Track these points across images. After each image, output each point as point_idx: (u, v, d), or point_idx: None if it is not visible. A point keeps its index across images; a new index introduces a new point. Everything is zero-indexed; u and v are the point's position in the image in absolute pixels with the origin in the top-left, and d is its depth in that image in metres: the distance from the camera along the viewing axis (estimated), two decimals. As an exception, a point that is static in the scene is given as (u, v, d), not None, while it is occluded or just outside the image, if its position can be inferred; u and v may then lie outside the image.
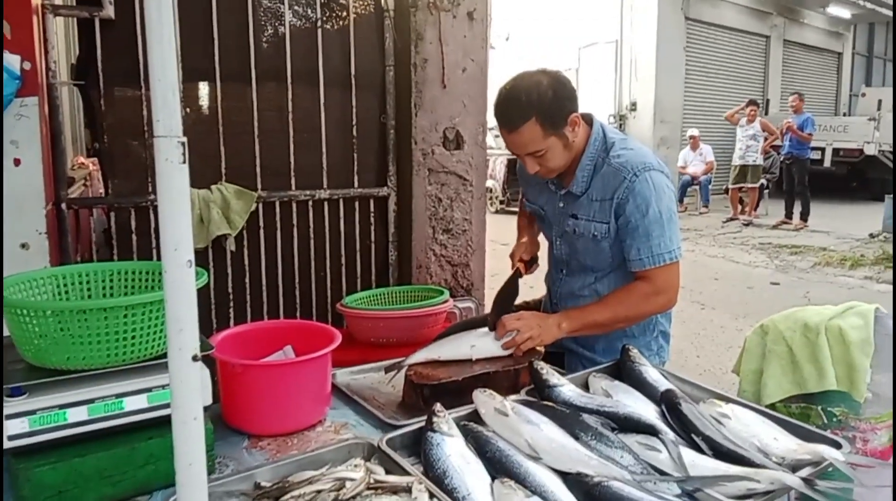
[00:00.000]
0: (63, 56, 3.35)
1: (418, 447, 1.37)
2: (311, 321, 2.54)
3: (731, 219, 12.02)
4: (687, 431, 1.41)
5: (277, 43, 2.71)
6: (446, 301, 2.54)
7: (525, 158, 1.86)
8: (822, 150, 14.16)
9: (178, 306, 0.86)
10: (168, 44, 0.83)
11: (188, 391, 0.87)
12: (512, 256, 2.13)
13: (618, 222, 1.87)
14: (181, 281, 0.85)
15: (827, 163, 14.44)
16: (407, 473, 1.26)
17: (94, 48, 2.43)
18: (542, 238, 2.23)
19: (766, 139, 11.68)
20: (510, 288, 2.04)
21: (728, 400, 1.55)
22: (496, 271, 2.13)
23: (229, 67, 2.64)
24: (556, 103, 1.78)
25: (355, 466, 1.27)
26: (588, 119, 1.94)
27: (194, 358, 0.87)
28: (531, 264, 2.11)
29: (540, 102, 1.76)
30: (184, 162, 0.85)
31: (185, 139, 0.85)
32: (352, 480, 1.21)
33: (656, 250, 1.83)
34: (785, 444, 1.38)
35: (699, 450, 1.36)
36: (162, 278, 0.86)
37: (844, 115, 18.30)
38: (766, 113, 14.93)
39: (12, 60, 2.03)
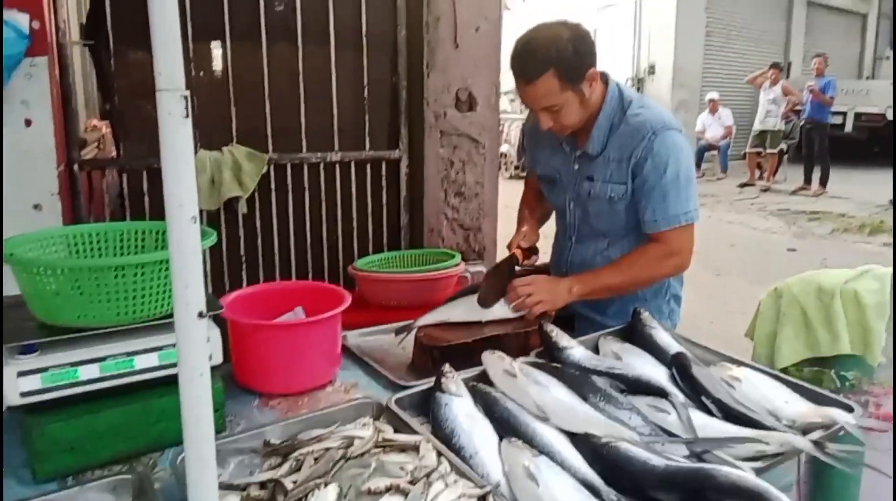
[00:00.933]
0: (73, 15, 3.33)
1: (427, 407, 1.38)
2: (326, 283, 2.55)
3: (749, 184, 11.87)
4: (697, 393, 1.40)
5: (288, 2, 2.67)
6: (458, 265, 2.53)
7: (539, 112, 1.82)
8: (844, 114, 13.86)
9: (184, 262, 0.85)
10: (169, -8, 0.81)
11: (194, 348, 0.87)
12: (509, 245, 2.04)
13: (634, 182, 1.83)
14: (185, 237, 0.84)
15: (848, 128, 14.15)
16: (415, 432, 1.27)
17: (103, 7, 2.41)
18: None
19: (788, 103, 11.45)
20: (504, 270, 1.97)
21: (739, 363, 1.54)
22: (509, 235, 2.10)
23: (239, 27, 2.61)
24: (576, 57, 1.73)
25: (364, 425, 1.28)
26: (604, 77, 1.89)
27: (200, 315, 0.86)
28: (530, 253, 2.05)
29: (559, 55, 1.71)
30: (187, 116, 0.83)
31: (188, 93, 0.83)
32: (360, 438, 1.21)
33: (672, 212, 1.81)
34: (796, 407, 1.37)
35: (709, 413, 1.35)
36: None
37: (868, 78, 17.90)
38: (788, 76, 14.62)
39: (21, 19, 2.02)
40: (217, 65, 2.64)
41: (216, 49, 2.62)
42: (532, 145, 2.14)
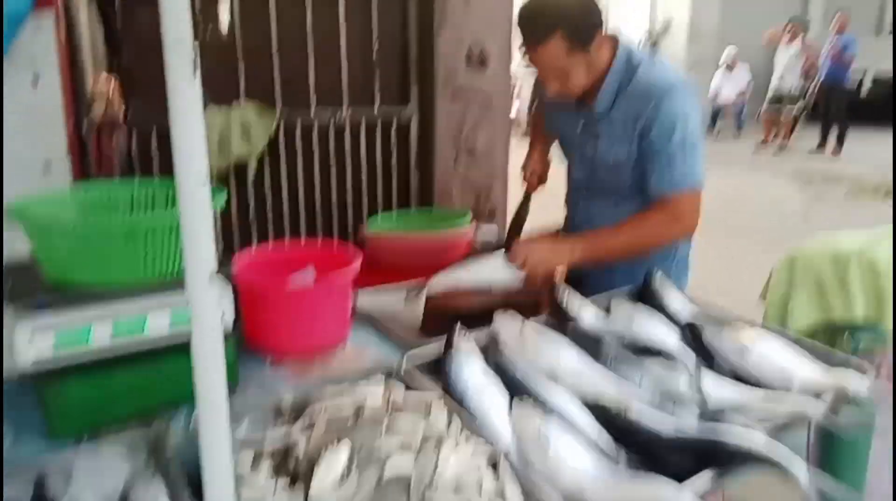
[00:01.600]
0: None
1: (438, 367, 1.38)
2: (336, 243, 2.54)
3: (764, 144, 11.70)
4: (709, 356, 1.40)
5: (297, -44, 2.62)
6: (469, 225, 2.51)
7: (546, 75, 1.79)
8: (863, 73, 13.57)
9: (194, 222, 0.84)
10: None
11: (206, 307, 0.86)
12: (523, 170, 2.09)
13: (641, 144, 1.81)
14: (196, 197, 0.83)
15: (867, 87, 13.86)
16: (427, 391, 1.27)
17: (109, -38, 2.37)
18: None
19: (806, 60, 11.20)
20: (522, 212, 2.05)
21: (752, 327, 1.53)
22: (521, 195, 2.10)
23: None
24: (584, 18, 1.70)
25: (376, 385, 1.28)
26: (612, 37, 1.85)
27: (211, 275, 0.86)
28: (542, 180, 2.09)
29: (567, 17, 1.68)
30: (195, 74, 0.81)
31: (196, 45, 0.81)
32: (372, 396, 1.22)
33: (678, 176, 1.78)
34: (809, 370, 1.36)
35: (721, 375, 1.35)
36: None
37: (890, 34, 17.44)
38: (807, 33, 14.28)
39: (25, -27, 1.98)
40: (224, 21, 2.59)
41: (223, 4, 2.58)
42: (543, 98, 2.13)
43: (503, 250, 1.89)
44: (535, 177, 2.07)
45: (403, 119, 2.94)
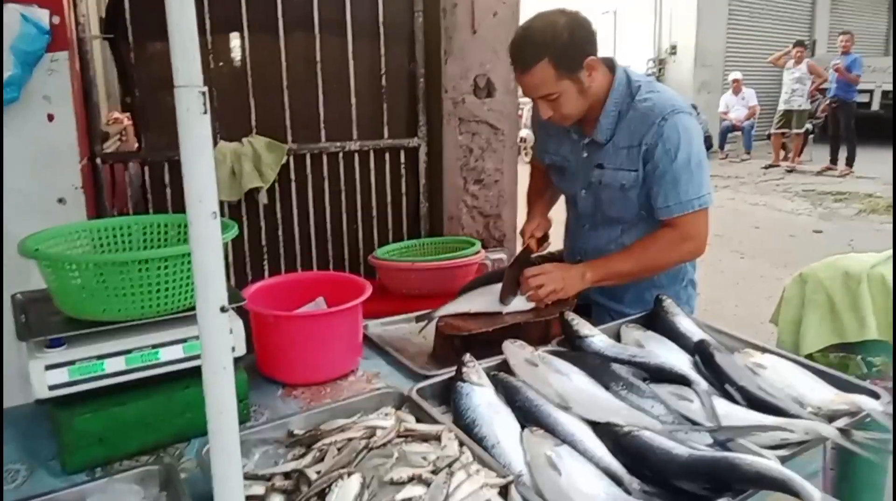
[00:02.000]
0: (93, 9, 3.35)
1: (448, 396, 1.38)
2: (343, 272, 2.56)
3: (773, 165, 11.68)
4: (720, 381, 1.39)
5: (305, -9, 2.68)
6: (478, 252, 2.53)
7: (538, 101, 1.81)
8: (871, 92, 13.55)
9: (205, 257, 0.86)
10: (186, -11, 0.81)
11: (217, 341, 0.88)
12: (522, 232, 2.06)
13: (646, 168, 1.82)
14: (206, 232, 0.85)
15: (875, 106, 13.84)
16: (437, 422, 1.27)
17: (122, 1, 2.42)
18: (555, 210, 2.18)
19: (813, 82, 11.24)
20: (522, 262, 1.98)
21: (764, 350, 1.53)
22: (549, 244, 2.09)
23: (257, 18, 2.62)
24: (572, 45, 1.72)
25: (386, 414, 1.29)
26: (610, 64, 1.87)
27: (222, 309, 0.87)
28: (543, 241, 2.06)
29: (554, 43, 1.70)
30: (205, 112, 0.83)
31: (205, 89, 0.83)
32: (382, 428, 1.22)
33: (684, 197, 1.79)
34: (821, 394, 1.35)
35: (733, 400, 1.34)
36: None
37: (896, 55, 17.48)
38: (813, 54, 14.33)
39: (41, 15, 2.03)
40: (236, 56, 2.65)
41: (234, 41, 2.64)
42: (542, 132, 2.12)
43: (500, 296, 1.87)
44: (535, 240, 2.04)
45: (412, 148, 2.97)
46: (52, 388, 1.21)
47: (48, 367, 1.20)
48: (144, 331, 1.31)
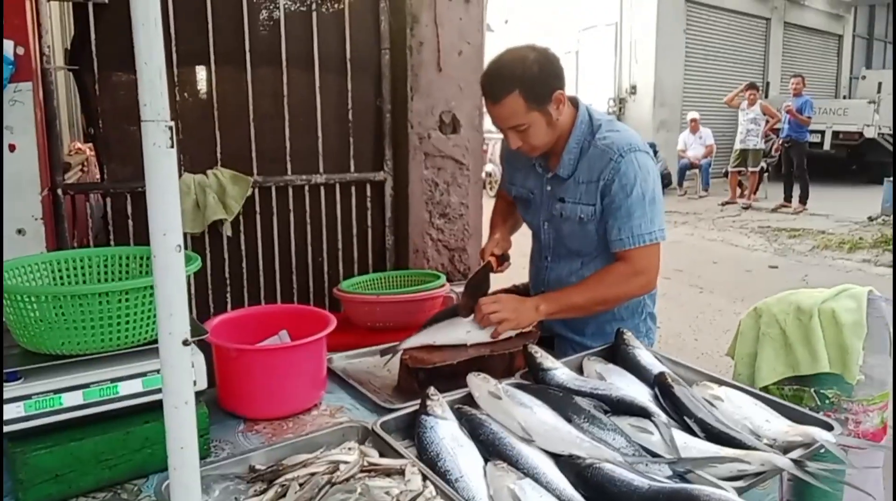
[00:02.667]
0: (58, 40, 3.33)
1: (412, 430, 1.38)
2: (308, 306, 2.55)
3: (730, 202, 12.00)
4: (679, 413, 1.41)
5: (272, 26, 2.70)
6: (443, 285, 2.55)
7: (507, 132, 1.86)
8: (822, 133, 14.09)
9: (168, 290, 0.86)
10: (154, 26, 0.83)
11: (179, 376, 0.87)
12: (482, 252, 2.10)
13: (603, 202, 1.87)
14: (170, 266, 0.85)
15: (826, 146, 14.37)
16: (401, 456, 1.27)
17: (88, 32, 2.42)
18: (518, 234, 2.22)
19: (767, 123, 11.64)
20: (481, 278, 2.02)
21: (721, 383, 1.56)
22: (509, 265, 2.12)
23: (224, 51, 2.63)
24: (541, 78, 1.78)
25: (349, 449, 1.28)
26: (574, 102, 1.94)
27: (185, 343, 0.87)
28: (503, 260, 2.09)
29: (524, 76, 1.76)
30: (171, 146, 0.84)
31: (172, 124, 0.84)
32: (346, 463, 1.22)
33: (636, 231, 1.84)
34: (777, 426, 1.39)
35: (691, 432, 1.37)
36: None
37: (844, 97, 18.21)
38: (767, 96, 14.85)
39: (5, 46, 2.02)
40: (202, 88, 2.65)
41: (201, 73, 2.64)
42: (509, 165, 2.18)
43: (458, 311, 1.91)
44: (495, 258, 2.08)
45: (378, 182, 2.99)
46: (7, 423, 1.18)
47: (4, 401, 1.18)
48: (103, 365, 1.29)
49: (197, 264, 1.40)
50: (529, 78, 1.76)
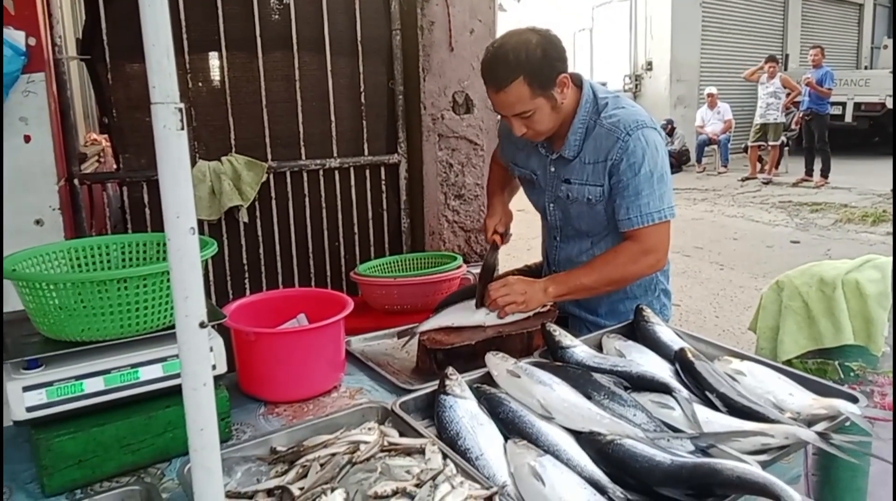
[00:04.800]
0: (70, 30, 3.34)
1: (432, 410, 1.38)
2: (325, 289, 2.56)
3: (750, 178, 11.85)
4: (701, 388, 1.40)
5: (282, 10, 2.69)
6: (460, 267, 2.53)
7: (512, 119, 1.82)
8: (843, 104, 13.83)
9: (183, 273, 0.85)
10: (161, 6, 0.82)
11: (197, 358, 0.87)
12: (486, 228, 2.08)
13: (611, 181, 1.84)
14: (184, 248, 0.85)
15: (848, 118, 14.12)
16: (420, 435, 1.27)
17: (99, 21, 2.42)
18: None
19: (787, 96, 11.45)
20: (490, 261, 2.02)
21: (743, 357, 1.54)
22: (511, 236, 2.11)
23: (235, 37, 2.63)
24: (546, 63, 1.74)
25: (369, 429, 1.28)
26: (577, 80, 1.89)
27: (201, 325, 0.87)
28: (506, 234, 2.08)
29: (528, 61, 1.71)
30: (182, 128, 0.84)
31: (182, 105, 0.84)
32: (366, 443, 1.22)
33: (645, 210, 1.81)
34: (800, 399, 1.37)
35: (713, 407, 1.35)
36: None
37: (866, 68, 17.87)
38: (786, 69, 14.59)
39: (17, 36, 2.03)
40: (214, 76, 2.65)
41: (213, 60, 2.64)
42: (510, 143, 2.13)
43: (476, 300, 1.89)
44: (498, 235, 2.06)
45: (392, 165, 2.98)
46: (29, 410, 1.19)
47: (25, 388, 1.19)
48: (123, 351, 1.30)
49: (213, 249, 1.40)
50: (534, 63, 1.72)
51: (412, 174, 3.00)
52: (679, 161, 13.16)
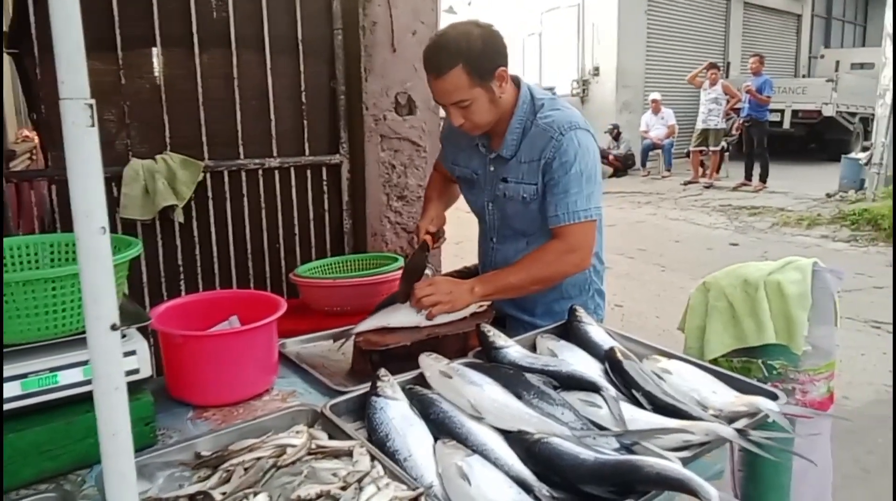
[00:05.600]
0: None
1: (363, 412, 1.38)
2: (264, 291, 2.52)
3: (692, 182, 12.17)
4: (628, 387, 1.43)
5: (221, 7, 2.64)
6: (400, 268, 2.53)
7: (450, 108, 1.85)
8: (782, 111, 14.33)
9: (93, 274, 0.83)
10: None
11: (108, 361, 0.86)
12: (417, 230, 2.10)
13: (544, 180, 1.88)
14: (94, 249, 0.83)
15: (786, 125, 14.63)
16: (350, 437, 1.26)
17: (27, 15, 2.34)
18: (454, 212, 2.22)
19: (727, 102, 11.79)
20: (418, 260, 2.03)
21: (671, 356, 1.58)
22: (454, 237, 2.12)
23: (171, 33, 2.57)
24: (485, 54, 1.78)
25: (297, 432, 1.27)
26: (516, 81, 1.93)
27: (113, 327, 0.85)
28: (437, 236, 2.10)
29: (469, 50, 1.75)
30: (92, 125, 0.82)
31: (92, 101, 0.82)
32: (292, 446, 1.21)
33: (572, 208, 1.85)
34: (723, 397, 1.41)
35: (639, 405, 1.38)
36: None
37: (804, 76, 18.53)
38: (727, 76, 15.03)
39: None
40: (149, 72, 2.58)
41: (148, 56, 2.57)
42: (452, 145, 2.17)
43: (398, 296, 1.91)
44: (429, 236, 2.07)
45: (334, 165, 2.95)
46: (-62, 416, 1.14)
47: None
48: (42, 354, 1.25)
49: (136, 249, 1.37)
50: (474, 52, 1.75)
51: (354, 175, 2.98)
52: (624, 165, 13.43)
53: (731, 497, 1.10)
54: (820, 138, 15.23)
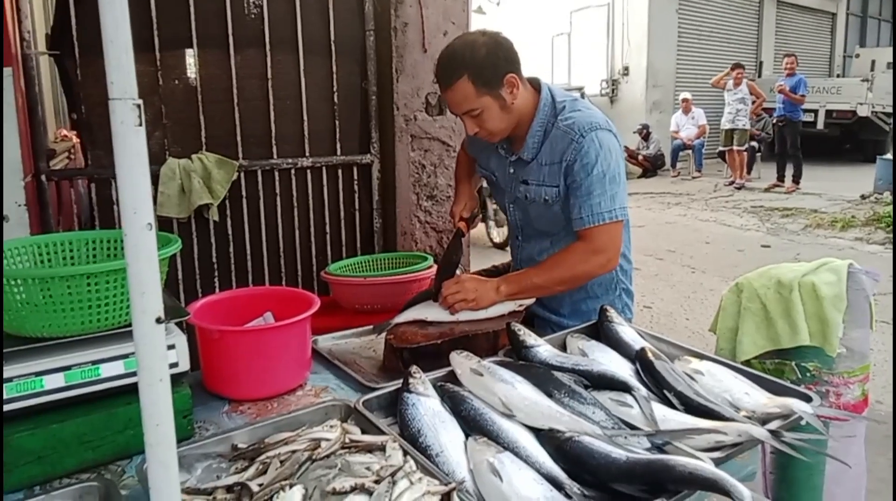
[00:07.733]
0: (40, 25, 3.30)
1: (395, 408, 1.39)
2: (295, 288, 2.55)
3: (732, 183, 11.94)
4: (659, 387, 1.43)
5: (256, 9, 2.68)
6: (430, 267, 2.54)
7: (464, 118, 1.87)
8: (815, 112, 14.08)
9: (140, 269, 0.86)
10: (121, 3, 0.83)
11: (153, 354, 0.88)
12: (452, 214, 2.13)
13: (566, 182, 1.88)
14: (141, 244, 0.85)
15: (820, 125, 14.37)
16: (382, 432, 1.28)
17: (69, 17, 2.40)
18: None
19: (754, 102, 11.62)
20: (453, 249, 2.06)
21: (702, 357, 1.57)
22: (480, 237, 2.13)
23: (207, 35, 2.61)
24: (489, 62, 1.79)
25: (331, 427, 1.29)
26: (536, 84, 1.94)
27: (158, 320, 0.87)
28: (472, 220, 2.12)
29: (472, 60, 1.78)
30: (140, 125, 0.84)
31: (140, 102, 0.85)
32: (327, 440, 1.23)
33: (596, 209, 1.85)
34: (756, 398, 1.40)
35: (671, 406, 1.38)
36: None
37: (838, 76, 18.19)
38: (760, 75, 14.83)
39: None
40: (186, 73, 2.63)
41: (185, 57, 2.62)
42: (474, 143, 2.19)
43: (433, 290, 1.93)
44: (464, 222, 2.10)
45: (365, 165, 2.98)
46: (-14, 406, 1.19)
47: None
48: (84, 347, 1.29)
49: (176, 246, 1.40)
50: (477, 62, 1.78)
51: (385, 175, 3.01)
52: (654, 165, 13.31)
53: (763, 499, 1.09)
54: (854, 139, 14.94)
